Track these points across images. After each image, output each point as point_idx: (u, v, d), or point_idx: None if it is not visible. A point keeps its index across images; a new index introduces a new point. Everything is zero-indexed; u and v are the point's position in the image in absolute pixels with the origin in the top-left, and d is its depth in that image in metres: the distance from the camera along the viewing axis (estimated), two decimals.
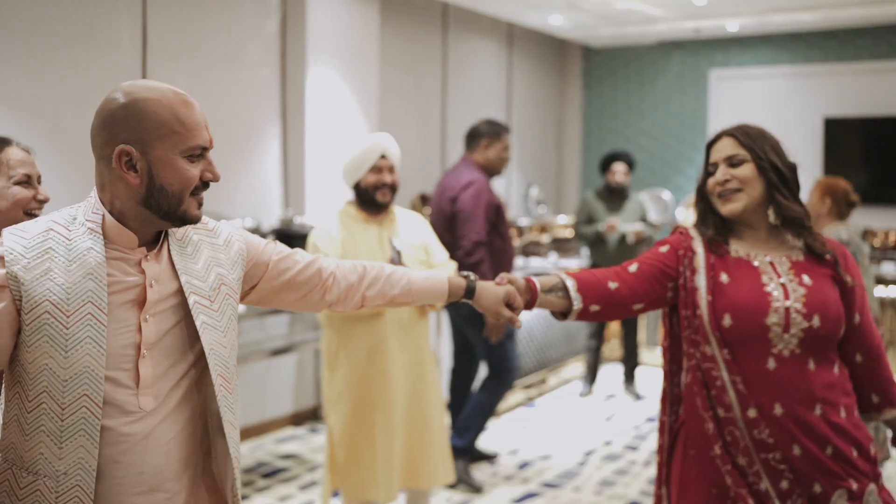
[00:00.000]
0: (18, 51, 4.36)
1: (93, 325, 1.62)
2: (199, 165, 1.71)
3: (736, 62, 8.93)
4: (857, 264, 2.32)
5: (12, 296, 1.60)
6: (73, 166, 4.59)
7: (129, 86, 1.70)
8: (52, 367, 1.61)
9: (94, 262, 1.65)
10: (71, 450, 1.62)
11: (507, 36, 8.71)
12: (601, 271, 2.33)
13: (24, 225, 1.68)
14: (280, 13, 5.87)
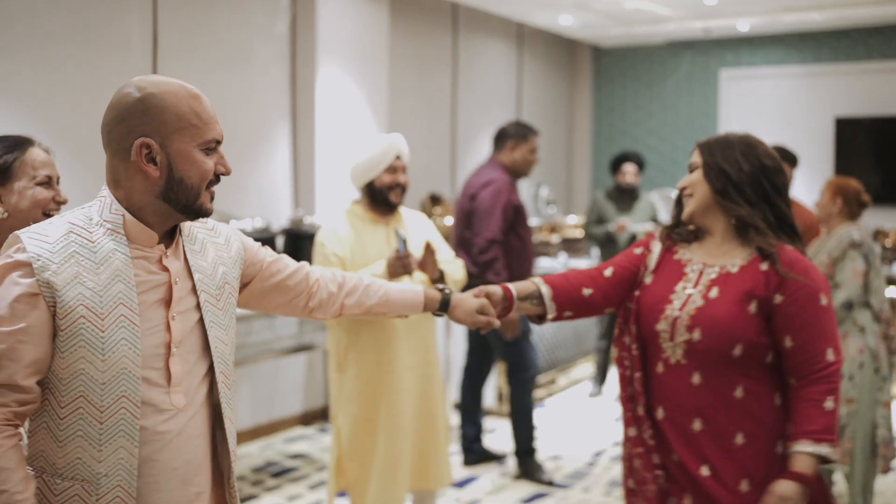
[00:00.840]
0: (30, 49, 4.38)
1: (127, 326, 1.63)
2: (212, 159, 1.73)
3: (746, 62, 8.91)
4: (818, 287, 2.18)
5: (46, 303, 1.59)
6: (84, 164, 4.60)
7: (142, 80, 1.70)
8: (89, 371, 1.61)
9: (121, 264, 1.66)
10: (111, 451, 1.63)
11: (516, 36, 8.71)
12: (577, 276, 2.41)
13: (41, 228, 1.66)
14: (290, 13, 5.88)
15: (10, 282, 1.59)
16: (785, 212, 2.25)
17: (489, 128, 8.33)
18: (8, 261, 1.60)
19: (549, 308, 2.35)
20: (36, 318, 1.58)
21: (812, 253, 4.37)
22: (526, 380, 4.92)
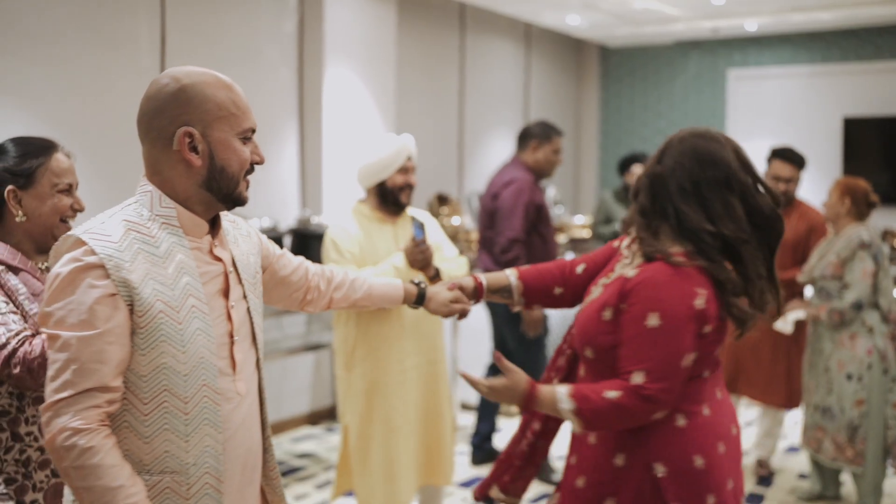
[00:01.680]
0: (39, 49, 4.40)
1: (199, 317, 1.67)
2: (248, 148, 1.76)
3: (754, 62, 8.89)
4: (650, 308, 2.00)
5: (124, 302, 1.60)
6: (92, 163, 4.62)
7: (178, 71, 1.73)
8: (172, 365, 1.63)
9: (183, 256, 1.69)
10: (197, 440, 1.66)
11: (524, 36, 8.70)
12: (550, 272, 2.39)
13: (98, 228, 1.66)
14: (298, 13, 5.88)
15: (87, 285, 1.58)
16: (688, 217, 2.03)
17: (496, 128, 8.33)
18: (79, 264, 1.59)
19: (518, 301, 2.40)
20: (118, 319, 1.59)
21: (820, 253, 4.36)
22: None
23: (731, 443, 2.12)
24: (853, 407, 4.13)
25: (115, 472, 1.56)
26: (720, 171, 2.06)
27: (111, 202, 4.91)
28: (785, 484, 4.85)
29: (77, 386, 1.56)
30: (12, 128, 4.19)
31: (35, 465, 2.25)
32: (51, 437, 1.57)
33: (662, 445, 2.03)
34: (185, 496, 1.66)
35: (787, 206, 4.76)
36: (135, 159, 5.14)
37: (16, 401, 2.24)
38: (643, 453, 2.04)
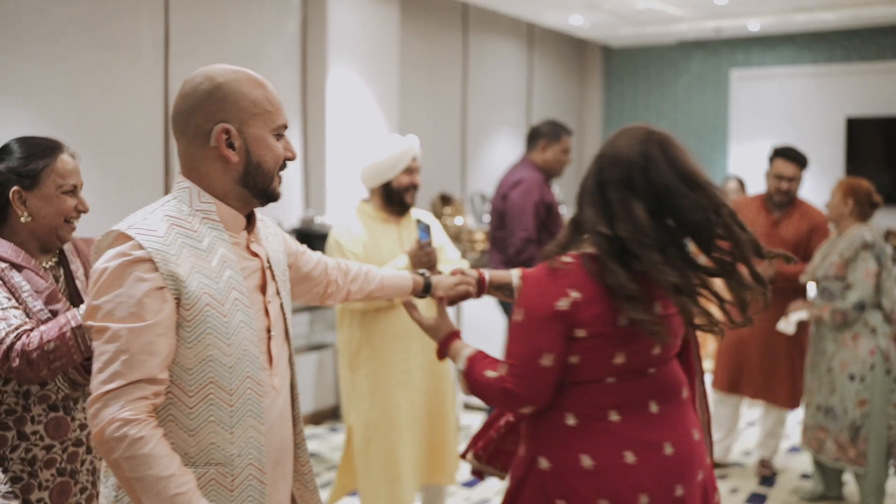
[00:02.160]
0: (42, 49, 4.41)
1: (242, 309, 1.69)
2: (281, 144, 1.78)
3: (757, 62, 8.89)
4: (519, 304, 2.03)
5: (172, 295, 1.61)
6: (96, 164, 4.63)
7: (212, 70, 1.76)
8: (218, 357, 1.65)
9: (225, 251, 1.71)
10: (241, 431, 1.68)
11: (527, 36, 8.71)
12: None
13: (142, 223, 1.67)
14: (301, 14, 5.90)
15: (136, 278, 1.59)
16: (586, 218, 1.99)
17: (499, 128, 8.34)
18: (127, 258, 1.60)
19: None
20: (166, 312, 1.60)
21: (823, 253, 4.36)
22: None
23: (652, 457, 1.98)
24: (855, 407, 4.14)
25: (166, 462, 1.56)
26: (621, 170, 1.95)
27: (114, 201, 4.96)
28: (787, 484, 4.86)
29: (126, 377, 1.56)
30: (16, 127, 4.21)
31: (41, 463, 2.27)
32: (99, 429, 1.57)
33: (549, 441, 2.02)
34: (230, 487, 1.68)
35: (788, 206, 4.77)
36: (137, 158, 5.19)
37: (22, 399, 2.26)
38: (533, 446, 2.06)
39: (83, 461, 2.34)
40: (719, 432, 5.02)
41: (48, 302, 2.25)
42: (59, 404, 2.29)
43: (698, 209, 1.92)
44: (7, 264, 2.25)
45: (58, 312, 2.24)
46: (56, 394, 2.28)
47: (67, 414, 2.30)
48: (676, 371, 2.09)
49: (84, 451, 2.34)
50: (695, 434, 2.07)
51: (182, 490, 1.56)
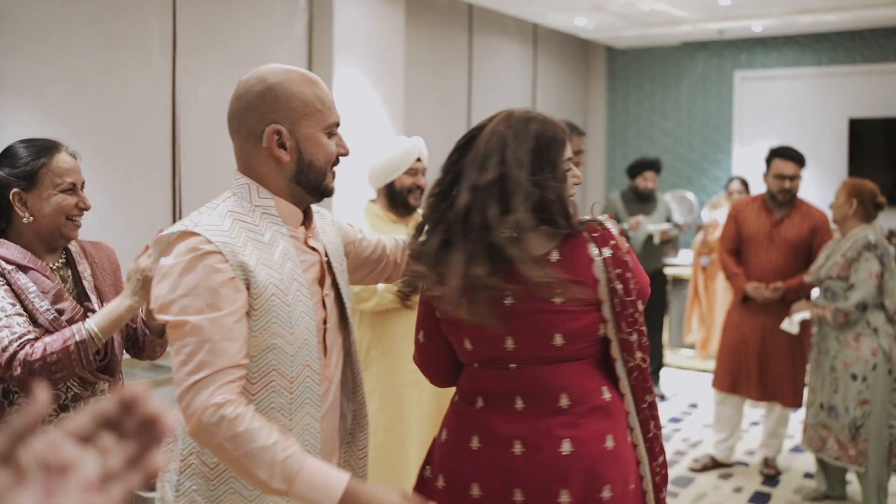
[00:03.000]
0: (52, 51, 4.44)
1: (303, 301, 1.73)
2: (334, 141, 1.81)
3: (760, 63, 8.91)
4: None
5: (243, 284, 1.65)
6: (105, 163, 4.66)
7: (266, 70, 1.79)
8: (281, 346, 1.69)
9: (286, 244, 1.75)
10: (300, 419, 1.73)
11: (532, 37, 8.74)
12: None
13: (207, 220, 1.70)
14: (307, 15, 5.93)
15: (210, 269, 1.63)
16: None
17: None
18: (197, 253, 1.63)
19: None
20: (241, 300, 1.64)
21: (826, 253, 4.39)
22: None
23: (496, 450, 1.91)
24: (856, 406, 4.16)
25: (266, 432, 1.59)
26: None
27: (122, 200, 4.97)
28: (791, 483, 4.88)
29: (213, 365, 1.59)
30: (25, 127, 4.24)
31: None
32: (195, 419, 1.59)
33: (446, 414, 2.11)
34: None
35: (789, 206, 4.79)
36: (145, 157, 5.21)
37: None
38: None
39: None
40: (723, 432, 5.05)
41: (54, 301, 2.27)
42: (70, 405, 2.32)
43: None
44: (13, 266, 2.28)
45: (64, 311, 2.27)
46: (66, 393, 2.31)
47: None
48: (558, 376, 1.90)
49: None
50: (573, 449, 1.87)
51: (289, 452, 1.58)
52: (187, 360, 1.61)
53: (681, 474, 5.00)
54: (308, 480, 1.56)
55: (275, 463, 1.56)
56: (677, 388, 6.99)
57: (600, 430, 1.89)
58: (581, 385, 1.90)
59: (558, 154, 1.96)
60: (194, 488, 1.73)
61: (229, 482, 1.71)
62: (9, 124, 4.21)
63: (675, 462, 5.22)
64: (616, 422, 1.92)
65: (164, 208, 5.06)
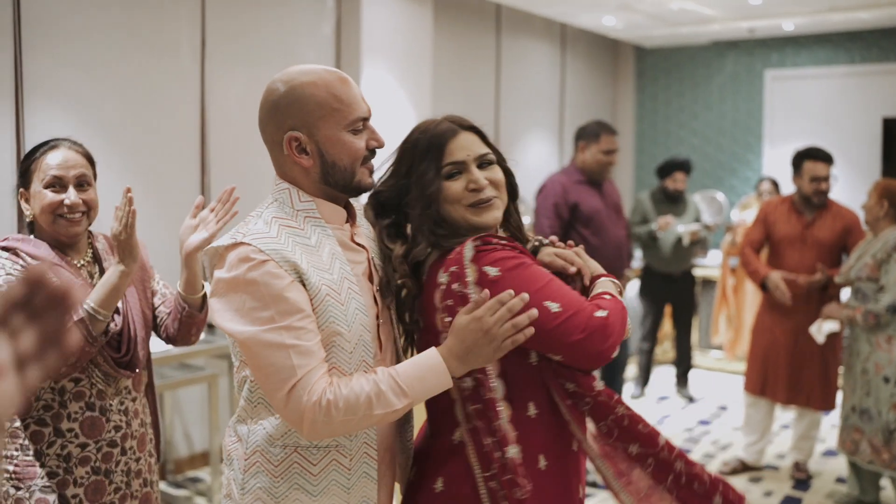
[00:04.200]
0: (83, 54, 4.48)
1: (356, 298, 1.73)
2: (363, 136, 1.77)
3: (792, 62, 8.82)
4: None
5: (303, 285, 1.66)
6: (134, 166, 4.70)
7: (286, 74, 1.77)
8: (339, 343, 1.70)
9: (332, 244, 1.75)
10: None
11: (560, 37, 8.70)
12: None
13: (253, 229, 1.70)
14: (335, 15, 5.94)
15: (270, 275, 1.62)
16: None
17: (532, 129, 8.34)
18: (251, 263, 1.63)
19: None
20: (305, 299, 1.65)
21: (857, 254, 4.33)
22: None
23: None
24: (889, 410, 4.10)
25: (358, 385, 1.63)
26: None
27: (152, 201, 5.00)
28: (823, 488, 4.82)
29: (301, 368, 1.61)
30: (56, 130, 4.27)
31: (76, 460, 2.31)
32: (307, 424, 1.62)
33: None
34: (348, 467, 1.74)
35: (821, 208, 4.74)
36: (175, 159, 5.25)
37: (58, 396, 2.31)
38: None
39: (118, 462, 2.38)
40: (752, 435, 5.00)
41: None
42: (95, 403, 2.33)
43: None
44: (38, 263, 2.31)
45: None
46: (90, 389, 2.33)
47: (103, 415, 2.35)
48: (431, 406, 1.90)
49: (118, 452, 2.38)
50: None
51: (383, 378, 1.64)
52: (275, 374, 1.62)
53: None
54: (415, 381, 1.64)
55: (383, 394, 1.62)
56: (706, 389, 6.93)
57: (434, 472, 1.83)
58: (436, 420, 1.88)
59: (428, 165, 1.84)
60: (259, 486, 1.74)
61: (293, 478, 1.73)
62: (40, 126, 4.25)
63: (704, 465, 5.17)
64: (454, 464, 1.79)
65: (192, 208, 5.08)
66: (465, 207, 1.82)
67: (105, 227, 2.65)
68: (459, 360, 1.64)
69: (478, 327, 1.62)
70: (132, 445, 2.42)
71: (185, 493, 4.69)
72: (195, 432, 5.10)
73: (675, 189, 6.49)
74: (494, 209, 1.84)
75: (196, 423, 5.09)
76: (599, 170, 4.84)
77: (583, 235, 4.79)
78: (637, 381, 6.79)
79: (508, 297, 1.62)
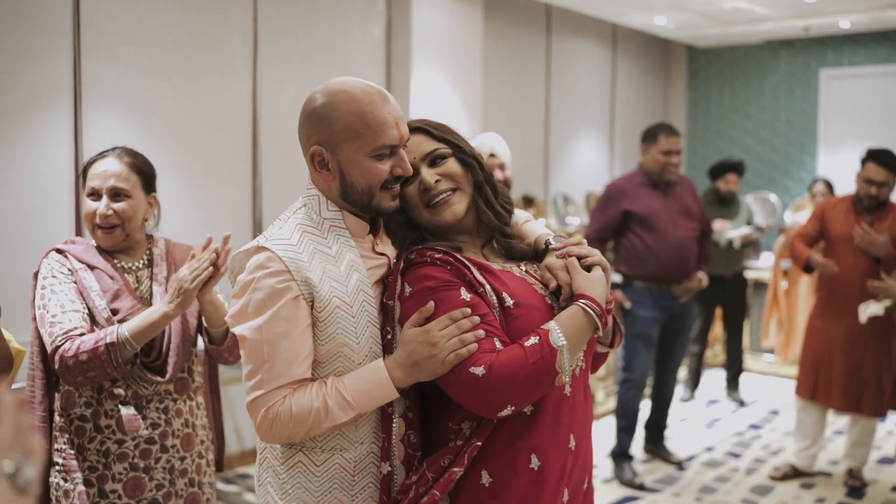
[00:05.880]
0: (138, 59, 4.55)
1: (368, 310, 1.75)
2: (389, 162, 1.75)
3: (848, 61, 8.67)
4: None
5: (305, 300, 1.70)
6: (187, 165, 4.77)
7: (328, 86, 1.77)
8: (347, 353, 1.73)
9: (353, 255, 1.77)
10: (365, 421, 1.76)
11: (610, 37, 8.65)
12: None
13: (277, 234, 1.74)
14: (385, 17, 5.97)
15: (273, 290, 1.68)
16: None
17: (582, 129, 8.30)
18: (265, 271, 1.68)
19: None
20: (301, 317, 1.69)
21: None
22: (622, 380, 5.00)
23: None
24: None
25: (308, 396, 1.69)
26: None
27: (204, 202, 5.07)
28: (877, 496, 4.73)
29: (269, 384, 1.69)
30: (110, 131, 4.36)
31: (114, 456, 2.36)
32: (262, 431, 1.71)
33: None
34: (352, 472, 1.76)
35: (879, 211, 4.64)
36: (227, 159, 5.31)
37: (96, 393, 2.37)
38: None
39: (157, 459, 2.41)
40: (804, 440, 4.92)
41: (112, 300, 2.34)
42: (130, 401, 2.38)
43: None
44: (84, 265, 2.37)
45: (119, 311, 2.34)
46: (126, 390, 2.38)
47: (139, 412, 2.39)
48: None
49: (158, 449, 2.41)
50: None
51: (331, 392, 1.68)
52: (250, 376, 1.71)
53: (760, 482, 4.90)
54: (361, 394, 1.68)
55: (330, 410, 1.67)
56: (757, 393, 6.84)
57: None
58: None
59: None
60: (268, 480, 1.81)
61: (297, 477, 1.76)
62: (95, 127, 4.34)
63: (755, 470, 5.11)
64: None
65: (244, 210, 5.15)
66: (423, 209, 1.82)
67: (167, 231, 2.70)
68: (405, 371, 1.68)
69: (425, 339, 1.65)
70: (174, 444, 2.45)
71: (236, 489, 4.75)
72: (245, 429, 5.16)
73: (727, 191, 6.42)
74: (451, 205, 1.81)
75: (246, 419, 5.15)
76: (660, 171, 4.80)
77: (639, 236, 4.78)
78: (687, 384, 6.72)
79: (461, 315, 1.65)
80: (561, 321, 1.69)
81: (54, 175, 4.21)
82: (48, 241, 2.61)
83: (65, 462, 2.37)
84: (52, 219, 4.19)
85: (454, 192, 1.82)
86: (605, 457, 5.21)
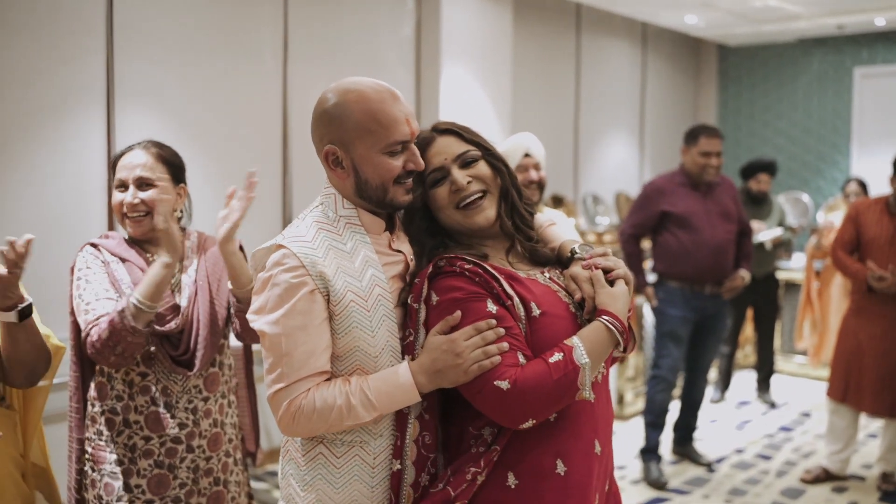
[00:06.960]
0: (170, 59, 4.60)
1: (385, 305, 1.78)
2: (401, 157, 1.79)
3: (883, 59, 8.56)
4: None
5: (321, 294, 1.73)
6: (218, 165, 4.80)
7: (338, 86, 1.80)
8: (363, 347, 1.76)
9: (367, 251, 1.80)
10: (384, 419, 1.79)
11: (640, 36, 8.61)
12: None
13: (294, 232, 1.79)
14: (415, 17, 5.98)
15: (290, 285, 1.72)
16: None
17: (612, 128, 8.27)
18: (282, 267, 1.73)
19: None
20: (318, 311, 1.73)
21: None
22: (650, 377, 5.02)
23: None
24: None
25: (332, 393, 1.73)
26: None
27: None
28: None
29: (289, 377, 1.73)
30: (142, 129, 4.41)
31: (140, 452, 2.40)
32: (284, 424, 1.75)
33: None
34: (372, 465, 1.79)
35: None
36: (257, 158, 5.34)
37: (127, 388, 2.40)
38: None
39: (182, 458, 2.43)
40: (836, 443, 4.87)
41: None
42: (160, 399, 2.40)
43: None
44: (116, 258, 2.41)
45: None
46: (156, 385, 2.40)
47: (168, 411, 2.41)
48: None
49: (184, 449, 2.43)
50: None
51: (355, 390, 1.72)
52: (271, 369, 1.75)
53: (791, 485, 4.85)
54: (384, 396, 1.72)
55: (353, 408, 1.71)
56: (789, 395, 6.78)
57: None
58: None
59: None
60: (290, 472, 1.85)
61: (318, 469, 1.80)
62: (127, 125, 4.38)
63: (785, 472, 5.07)
64: None
65: (274, 208, 5.18)
66: (454, 211, 1.84)
67: (200, 225, 2.72)
68: (428, 377, 1.71)
69: (450, 348, 1.68)
70: (201, 444, 2.46)
71: (265, 486, 4.78)
72: (274, 426, 5.19)
73: (758, 190, 6.38)
74: (483, 209, 1.83)
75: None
76: (699, 172, 4.79)
77: (676, 235, 4.77)
78: (717, 386, 6.67)
79: (486, 327, 1.68)
80: (584, 336, 1.71)
81: (88, 174, 4.26)
82: (83, 238, 2.67)
83: (94, 452, 2.42)
84: (87, 216, 4.24)
85: (484, 194, 1.84)
86: (633, 458, 5.19)
